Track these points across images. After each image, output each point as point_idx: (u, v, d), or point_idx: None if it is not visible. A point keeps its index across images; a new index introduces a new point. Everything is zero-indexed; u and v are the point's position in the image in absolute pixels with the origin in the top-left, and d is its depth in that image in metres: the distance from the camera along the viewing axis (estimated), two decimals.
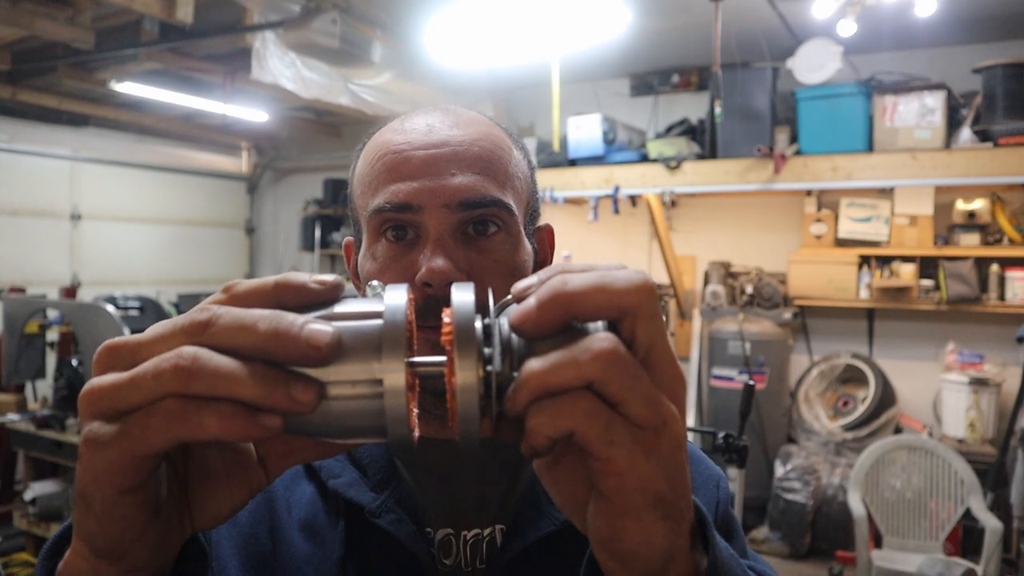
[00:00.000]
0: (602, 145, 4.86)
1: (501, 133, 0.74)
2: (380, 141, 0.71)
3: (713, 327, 5.08)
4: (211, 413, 0.37)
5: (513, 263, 0.69)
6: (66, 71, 5.14)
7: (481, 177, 0.67)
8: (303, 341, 0.38)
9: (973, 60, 4.27)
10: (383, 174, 0.68)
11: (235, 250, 8.03)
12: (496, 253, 0.68)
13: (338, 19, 3.78)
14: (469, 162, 0.67)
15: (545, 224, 0.79)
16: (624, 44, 4.42)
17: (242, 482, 0.44)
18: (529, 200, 0.74)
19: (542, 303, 0.38)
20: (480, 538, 0.71)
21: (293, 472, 0.73)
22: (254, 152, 8.01)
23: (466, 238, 0.67)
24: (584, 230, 5.82)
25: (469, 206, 0.66)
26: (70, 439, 4.06)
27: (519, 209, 0.71)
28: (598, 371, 0.37)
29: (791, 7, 4.14)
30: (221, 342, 0.38)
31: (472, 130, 0.70)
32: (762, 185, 4.52)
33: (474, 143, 0.69)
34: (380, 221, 0.68)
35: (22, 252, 6.10)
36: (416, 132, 0.69)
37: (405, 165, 0.67)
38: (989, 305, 4.49)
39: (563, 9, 3.46)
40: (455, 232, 0.67)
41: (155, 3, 3.65)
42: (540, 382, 0.37)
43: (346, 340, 0.40)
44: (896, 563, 3.47)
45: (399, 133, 0.70)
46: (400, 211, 0.66)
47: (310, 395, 0.38)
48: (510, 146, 0.73)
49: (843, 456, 4.61)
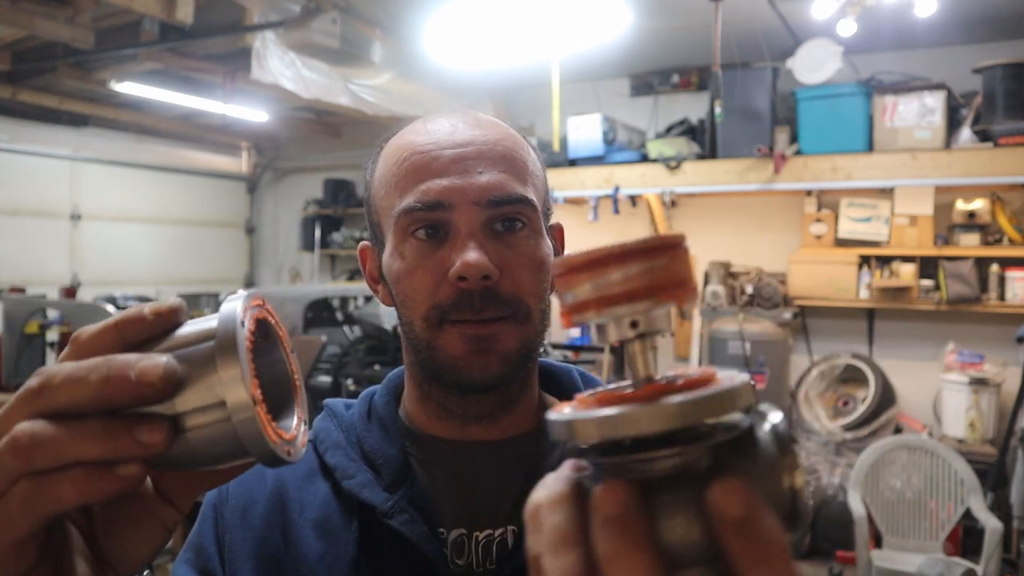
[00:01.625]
0: (602, 145, 4.86)
1: (516, 134, 0.76)
2: (403, 143, 0.72)
3: (713, 327, 5.08)
4: (63, 482, 0.36)
5: (539, 257, 0.71)
6: (66, 71, 5.14)
7: (507, 175, 0.69)
8: (135, 381, 0.37)
9: (973, 60, 4.27)
10: (411, 174, 0.69)
11: (235, 250, 8.03)
12: (523, 248, 0.69)
13: (338, 19, 3.78)
14: (495, 160, 0.69)
15: (556, 223, 0.81)
16: (624, 44, 4.42)
17: (152, 524, 0.43)
18: (545, 200, 0.76)
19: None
20: (492, 539, 0.71)
21: (307, 471, 0.74)
22: (254, 152, 8.01)
23: (494, 234, 0.69)
24: (584, 230, 5.81)
25: (498, 203, 0.68)
26: None
27: (539, 206, 0.73)
28: None
29: (791, 7, 4.14)
30: (59, 404, 0.37)
31: (494, 131, 0.72)
32: (762, 185, 4.52)
33: (498, 142, 0.71)
34: (410, 221, 0.68)
35: (22, 252, 6.10)
36: (441, 133, 0.71)
37: (434, 164, 0.69)
38: (989, 305, 4.48)
39: (563, 9, 3.46)
40: (484, 228, 0.68)
41: (155, 3, 3.65)
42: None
43: (184, 365, 0.37)
44: (896, 563, 3.46)
45: (423, 134, 0.71)
46: (431, 209, 0.67)
47: (158, 435, 0.37)
48: (526, 147, 0.75)
49: (843, 456, 4.61)
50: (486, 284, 0.66)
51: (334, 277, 7.49)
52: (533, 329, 0.70)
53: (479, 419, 0.72)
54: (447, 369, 0.69)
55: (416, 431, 0.75)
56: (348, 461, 0.72)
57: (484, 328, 0.67)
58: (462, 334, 0.67)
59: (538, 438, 0.75)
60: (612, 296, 0.32)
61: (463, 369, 0.68)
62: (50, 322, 5.11)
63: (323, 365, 3.75)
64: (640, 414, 0.30)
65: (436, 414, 0.74)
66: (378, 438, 0.74)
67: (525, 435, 0.75)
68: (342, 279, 7.33)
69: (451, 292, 0.67)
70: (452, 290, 0.67)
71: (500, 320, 0.67)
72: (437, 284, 0.67)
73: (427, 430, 0.75)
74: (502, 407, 0.73)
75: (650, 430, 0.30)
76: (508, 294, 0.67)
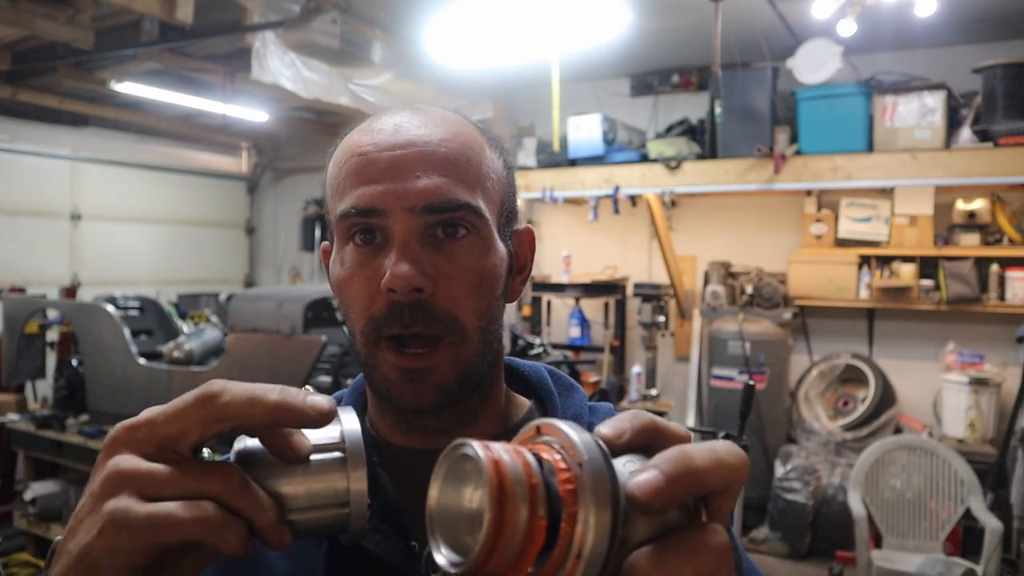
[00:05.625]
0: (602, 145, 4.86)
1: (473, 132, 0.71)
2: (349, 143, 0.69)
3: (713, 327, 5.08)
4: (235, 533, 0.42)
5: (482, 268, 0.66)
6: (66, 71, 5.14)
7: (447, 180, 0.65)
8: (303, 407, 0.45)
9: (973, 60, 4.27)
10: (349, 177, 0.66)
11: (235, 250, 8.03)
12: (464, 258, 0.66)
13: (338, 19, 3.78)
14: (436, 164, 0.65)
15: (524, 227, 0.76)
16: (624, 44, 4.42)
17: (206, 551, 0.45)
18: (504, 201, 0.71)
19: (672, 478, 0.38)
20: None
21: None
22: (254, 152, 8.01)
23: (434, 241, 0.65)
24: (584, 230, 5.82)
25: (434, 210, 0.64)
26: (70, 439, 4.06)
27: (491, 211, 0.68)
28: (713, 568, 0.39)
29: (791, 7, 4.14)
30: (232, 414, 0.43)
31: (441, 130, 0.67)
32: (762, 185, 4.52)
33: (441, 143, 0.66)
34: (347, 226, 0.66)
35: (22, 252, 6.10)
36: (383, 133, 0.67)
37: (370, 168, 0.65)
38: (989, 305, 4.49)
39: (563, 9, 3.46)
40: (422, 236, 0.65)
41: (155, 3, 3.65)
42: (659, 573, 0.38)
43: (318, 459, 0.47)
44: (896, 563, 3.47)
45: (367, 134, 0.68)
46: (365, 215, 0.65)
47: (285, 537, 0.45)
48: (482, 146, 0.70)
49: (843, 456, 4.61)
50: (417, 296, 0.63)
51: None
52: (472, 349, 0.66)
53: (439, 433, 0.69)
54: (383, 392, 0.67)
55: (381, 440, 0.73)
56: None
57: (415, 361, 0.64)
58: (393, 365, 0.64)
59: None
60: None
61: (396, 396, 0.66)
62: (50, 322, 5.11)
63: (323, 365, 3.75)
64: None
65: (396, 425, 0.71)
66: None
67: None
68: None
69: (384, 304, 0.64)
70: (385, 301, 0.64)
71: (434, 346, 0.64)
72: (372, 295, 0.65)
73: (391, 439, 0.72)
74: (462, 420, 0.70)
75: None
76: (442, 310, 0.64)
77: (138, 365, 3.95)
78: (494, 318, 0.69)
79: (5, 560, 4.31)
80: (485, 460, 0.36)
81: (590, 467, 0.36)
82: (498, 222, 0.70)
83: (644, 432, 0.42)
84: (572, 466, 0.37)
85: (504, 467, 0.36)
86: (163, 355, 4.06)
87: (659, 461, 0.39)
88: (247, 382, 0.45)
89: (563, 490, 0.36)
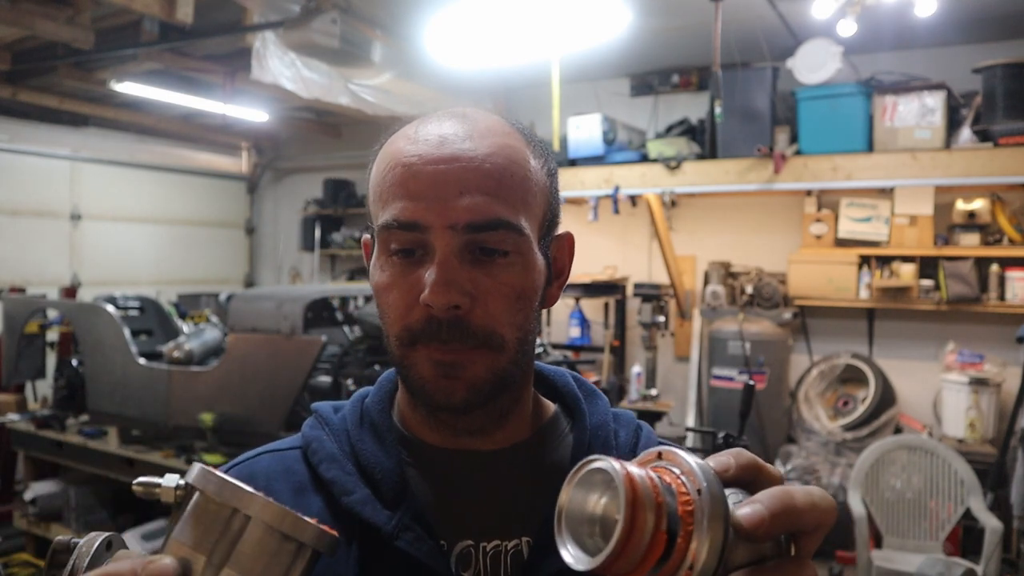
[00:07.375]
0: (602, 145, 4.86)
1: (518, 142, 0.70)
2: (393, 149, 0.69)
3: (713, 327, 5.08)
4: None
5: (521, 285, 0.67)
6: (66, 71, 5.14)
7: (490, 198, 0.65)
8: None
9: (973, 60, 4.27)
10: (393, 188, 0.67)
11: (235, 250, 8.03)
12: (503, 275, 0.66)
13: (338, 19, 3.78)
14: (479, 180, 0.65)
15: (565, 232, 0.76)
16: (624, 44, 4.42)
17: None
18: (547, 211, 0.72)
19: (775, 513, 0.44)
20: (500, 550, 0.69)
21: (297, 486, 0.72)
22: (254, 152, 8.01)
23: (473, 259, 0.66)
24: (584, 230, 5.82)
25: (476, 228, 0.64)
26: (70, 439, 4.06)
27: (533, 226, 0.68)
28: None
29: (791, 7, 4.14)
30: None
31: (486, 143, 0.67)
32: (762, 185, 4.52)
33: (487, 159, 0.66)
34: (388, 237, 0.67)
35: (22, 252, 6.11)
36: (428, 143, 0.67)
37: (413, 181, 0.65)
38: (989, 305, 4.49)
39: (563, 9, 3.46)
40: (462, 252, 0.65)
41: (155, 3, 3.65)
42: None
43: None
44: (896, 563, 3.47)
45: (412, 143, 0.68)
46: (406, 230, 0.65)
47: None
48: (527, 157, 0.70)
49: (843, 456, 4.61)
50: (455, 313, 0.64)
51: (334, 277, 7.50)
52: (508, 357, 0.67)
53: (469, 433, 0.71)
54: (417, 389, 0.68)
55: (411, 437, 0.73)
56: (345, 475, 0.70)
57: (451, 354, 0.65)
58: (429, 357, 0.65)
59: (535, 447, 0.74)
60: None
61: (431, 392, 0.67)
62: (50, 322, 5.11)
63: (323, 365, 3.75)
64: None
65: (427, 423, 0.72)
66: (373, 448, 0.72)
67: (521, 444, 0.73)
68: (342, 279, 7.33)
69: (421, 315, 0.65)
70: (422, 313, 0.65)
71: (470, 348, 0.66)
72: (410, 306, 0.66)
73: (422, 436, 0.73)
74: (492, 422, 0.71)
75: None
76: (479, 325, 0.65)
77: (138, 365, 3.95)
78: (531, 328, 0.70)
79: (5, 560, 4.31)
80: (621, 473, 0.42)
81: (708, 493, 0.42)
82: (539, 235, 0.70)
83: (747, 469, 0.47)
84: (691, 491, 0.42)
85: (637, 481, 0.42)
86: (163, 355, 4.06)
87: (763, 497, 0.44)
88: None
89: (682, 511, 0.42)
